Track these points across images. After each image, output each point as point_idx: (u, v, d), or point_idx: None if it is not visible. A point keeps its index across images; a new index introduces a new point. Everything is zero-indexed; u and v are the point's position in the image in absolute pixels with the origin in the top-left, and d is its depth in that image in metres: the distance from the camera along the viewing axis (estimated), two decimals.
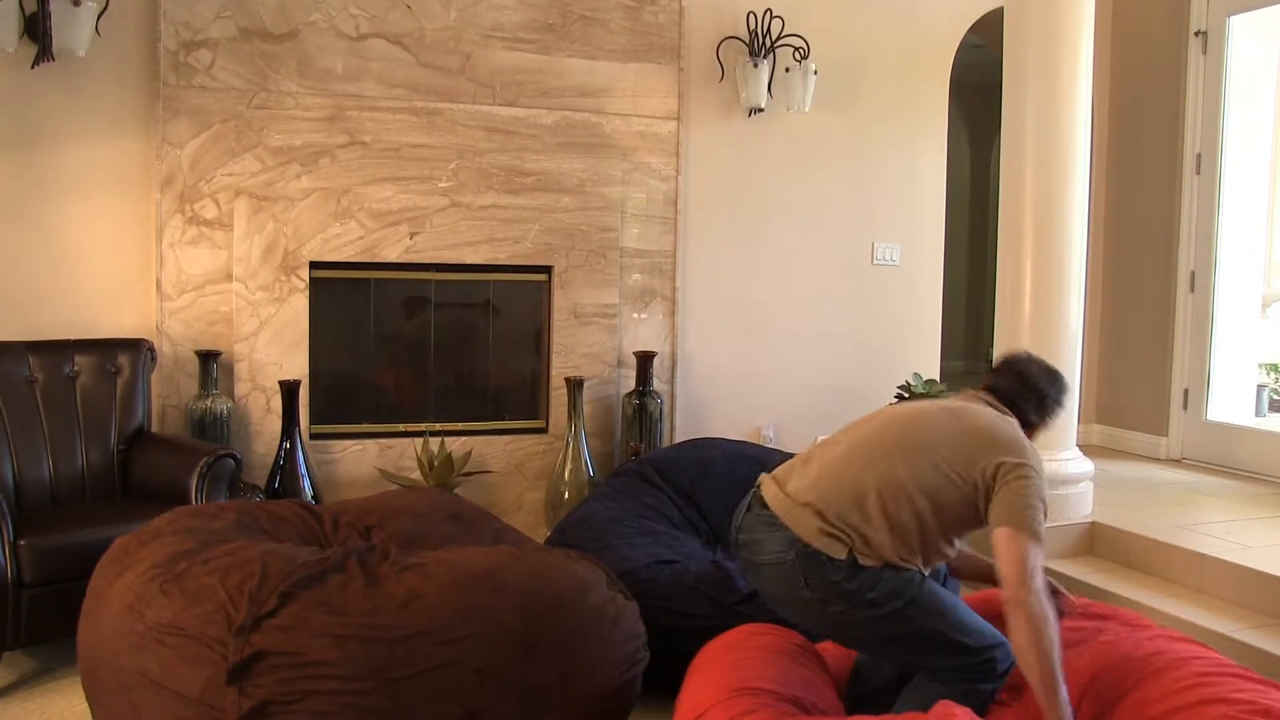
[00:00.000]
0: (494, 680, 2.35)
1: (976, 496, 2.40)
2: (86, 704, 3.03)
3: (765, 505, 2.52)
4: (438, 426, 4.80)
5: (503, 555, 2.71)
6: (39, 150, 4.24)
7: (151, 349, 4.13)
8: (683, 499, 4.10)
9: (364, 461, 4.65)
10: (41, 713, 3.09)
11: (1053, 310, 4.29)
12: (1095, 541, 4.30)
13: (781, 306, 5.48)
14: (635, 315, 5.13)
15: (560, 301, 4.93)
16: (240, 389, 4.46)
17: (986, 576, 2.71)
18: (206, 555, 2.54)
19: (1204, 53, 5.49)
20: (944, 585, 2.70)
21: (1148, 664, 2.40)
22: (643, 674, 2.74)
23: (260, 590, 2.35)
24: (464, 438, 4.80)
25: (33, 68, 4.10)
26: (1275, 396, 5.89)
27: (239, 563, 2.47)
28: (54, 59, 4.09)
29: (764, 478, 2.62)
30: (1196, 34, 5.52)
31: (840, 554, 2.36)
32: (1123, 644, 2.53)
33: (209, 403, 4.30)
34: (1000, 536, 2.33)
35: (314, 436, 4.60)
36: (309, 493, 4.33)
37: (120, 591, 2.52)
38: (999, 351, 4.46)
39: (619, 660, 2.62)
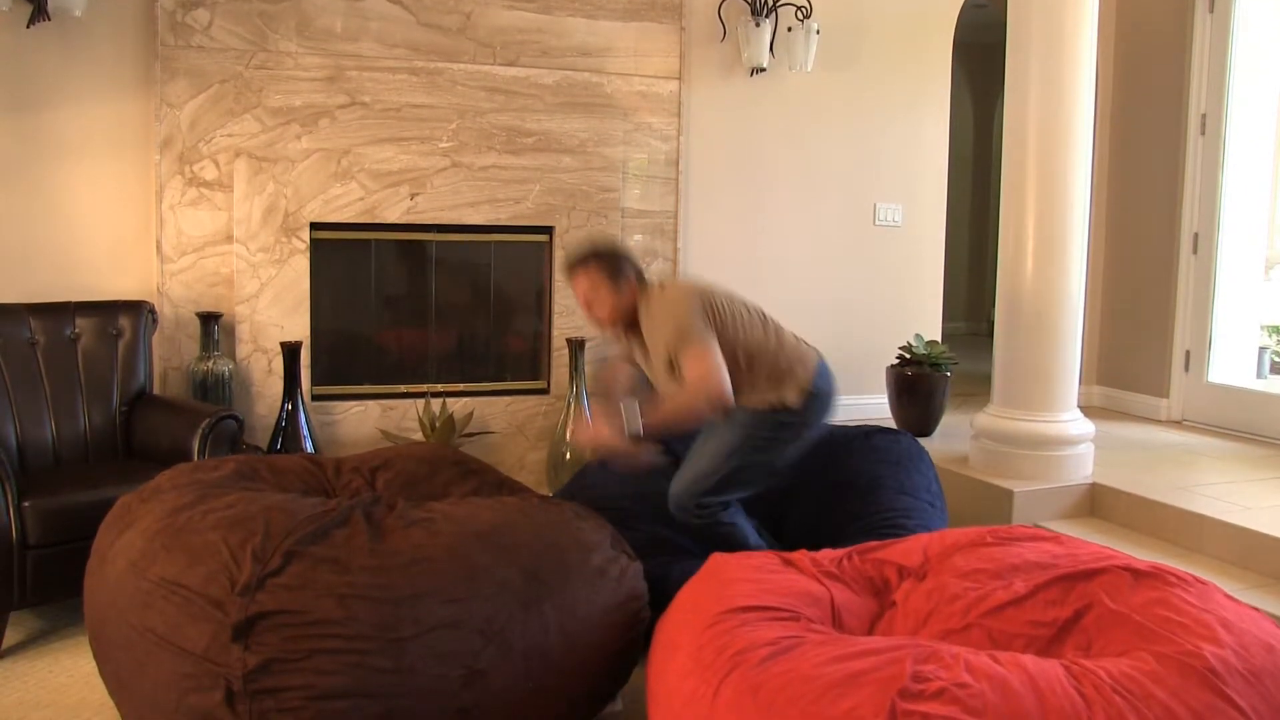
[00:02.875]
0: (497, 640, 2.37)
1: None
2: (94, 662, 3.07)
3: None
4: (439, 387, 4.81)
5: (509, 510, 2.72)
6: (37, 111, 4.22)
7: (152, 311, 4.13)
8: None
9: (366, 422, 4.66)
10: (49, 671, 3.12)
11: (1055, 271, 4.28)
12: (1096, 503, 4.32)
13: (783, 267, 5.48)
14: None
15: (561, 262, 4.92)
16: (242, 350, 4.46)
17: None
18: (207, 508, 2.54)
19: (1210, 12, 5.44)
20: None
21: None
22: (645, 633, 2.77)
23: (264, 548, 2.35)
24: (466, 398, 4.80)
25: (28, 27, 4.07)
26: (1276, 359, 5.89)
27: (241, 518, 2.47)
28: (49, 19, 4.06)
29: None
30: None
31: None
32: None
33: (210, 364, 4.31)
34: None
35: (315, 398, 4.61)
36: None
37: (124, 549, 2.53)
38: (998, 313, 4.47)
39: (621, 621, 2.63)
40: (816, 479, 3.70)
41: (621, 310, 3.31)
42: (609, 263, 3.31)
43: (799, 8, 5.20)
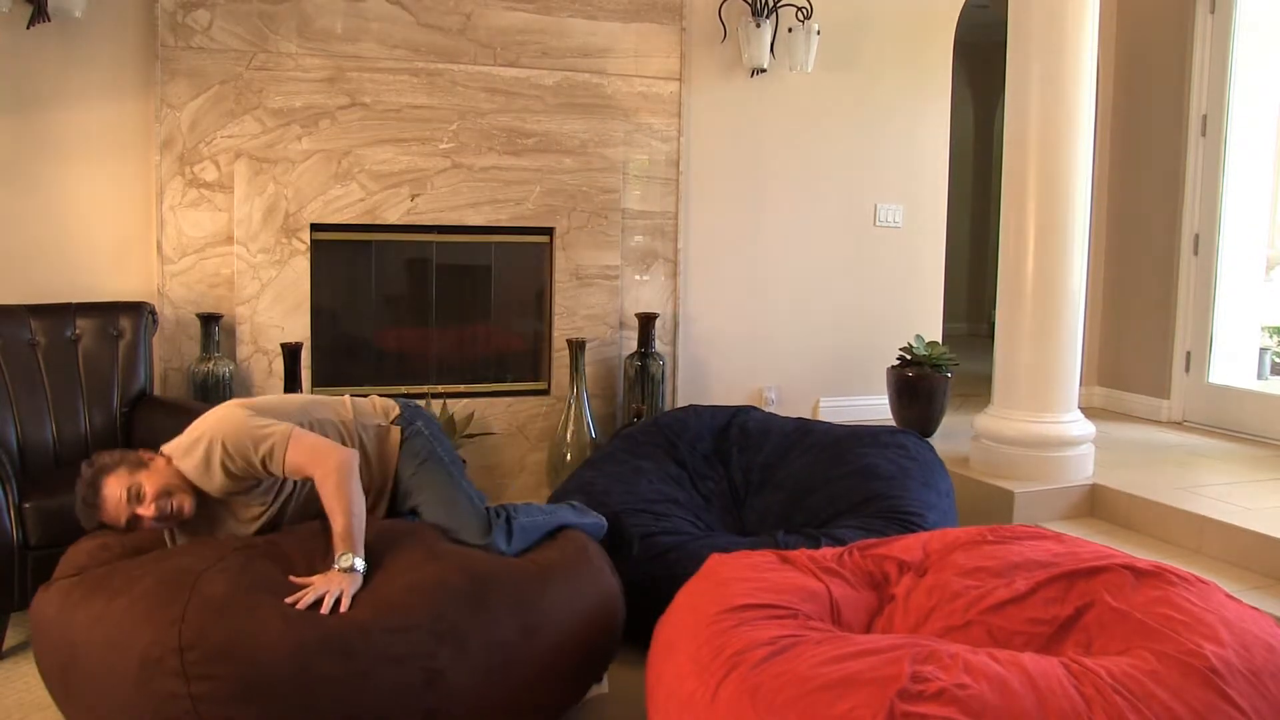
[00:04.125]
0: (450, 638, 2.36)
1: None
2: None
3: None
4: (440, 388, 4.81)
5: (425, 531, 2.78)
6: (37, 112, 4.22)
7: (153, 312, 4.13)
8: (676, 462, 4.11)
9: None
10: None
11: (1055, 272, 4.28)
12: (1096, 503, 4.32)
13: (783, 268, 5.48)
14: (637, 277, 5.13)
15: (562, 263, 4.92)
16: (242, 351, 4.46)
17: None
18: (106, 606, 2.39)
19: (1211, 12, 5.43)
20: None
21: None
22: (627, 626, 2.81)
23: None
24: (466, 399, 4.80)
25: (28, 28, 4.06)
26: (1277, 359, 5.89)
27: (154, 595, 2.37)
28: (49, 20, 4.05)
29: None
30: None
31: None
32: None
33: (211, 365, 4.31)
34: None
35: None
36: None
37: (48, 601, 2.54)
38: (999, 313, 4.46)
39: (584, 609, 2.63)
40: (843, 463, 3.78)
41: (185, 477, 2.70)
42: (126, 456, 2.74)
43: (799, 8, 5.20)
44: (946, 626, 2.32)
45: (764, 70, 5.24)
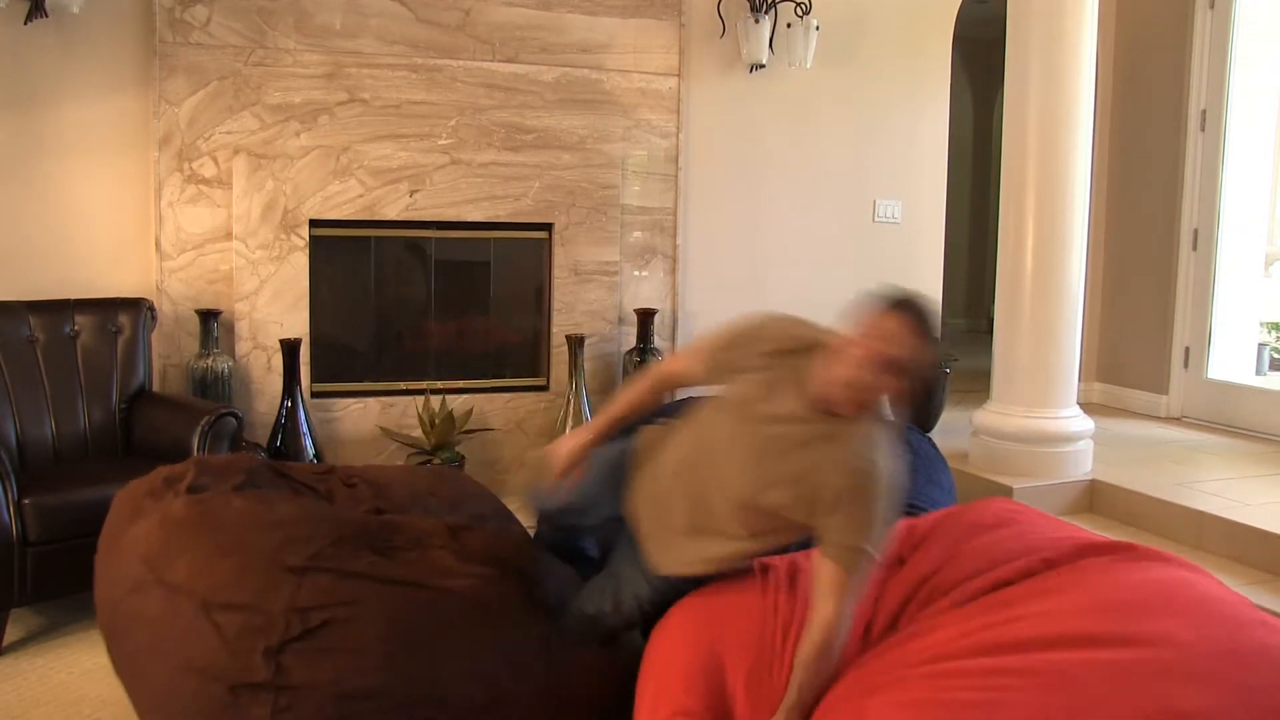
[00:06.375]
0: (521, 670, 2.42)
1: None
2: (94, 658, 3.07)
3: None
4: (439, 384, 4.80)
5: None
6: (35, 109, 4.21)
7: (152, 308, 4.12)
8: None
9: (365, 420, 4.66)
10: (50, 668, 3.12)
11: (1054, 267, 4.28)
12: (1095, 499, 4.32)
13: (783, 264, 5.47)
14: (636, 273, 5.13)
15: (561, 259, 4.92)
16: (241, 348, 4.46)
17: None
18: (241, 562, 2.41)
19: (1211, 8, 5.43)
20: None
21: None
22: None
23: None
24: (465, 395, 4.80)
25: (25, 24, 4.06)
26: (1276, 355, 5.89)
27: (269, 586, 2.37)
28: (47, 15, 4.05)
29: None
30: None
31: None
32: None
33: (210, 362, 4.30)
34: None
35: (315, 395, 4.60)
36: (310, 451, 4.35)
37: (137, 541, 2.51)
38: (998, 309, 4.47)
39: (627, 655, 2.68)
40: None
41: (866, 396, 2.26)
42: None
43: (798, 4, 5.19)
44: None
45: (763, 66, 5.23)
